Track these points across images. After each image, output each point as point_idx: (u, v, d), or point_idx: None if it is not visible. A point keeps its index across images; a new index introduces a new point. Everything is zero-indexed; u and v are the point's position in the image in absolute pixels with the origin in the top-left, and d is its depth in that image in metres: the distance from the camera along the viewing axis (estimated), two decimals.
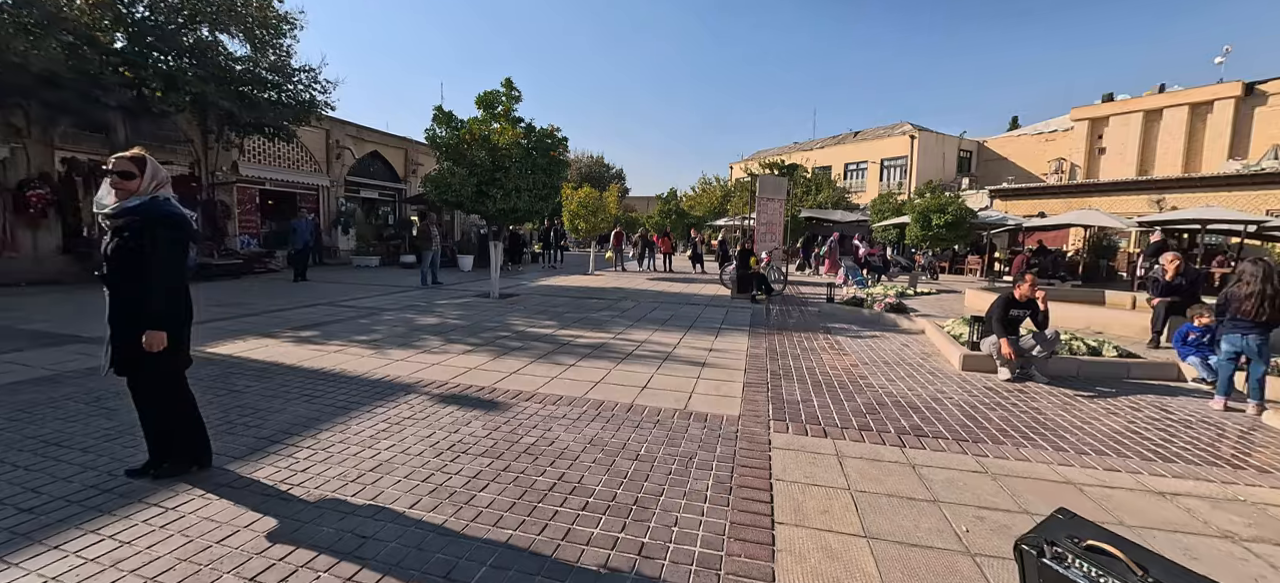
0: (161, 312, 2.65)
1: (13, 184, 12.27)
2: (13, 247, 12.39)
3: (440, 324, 7.68)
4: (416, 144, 25.01)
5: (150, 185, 2.69)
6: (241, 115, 13.56)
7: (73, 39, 10.75)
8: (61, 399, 4.08)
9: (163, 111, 12.83)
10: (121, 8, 11.90)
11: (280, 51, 14.66)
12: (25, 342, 5.99)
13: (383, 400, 4.28)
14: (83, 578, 2.10)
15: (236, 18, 13.42)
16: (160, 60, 12.24)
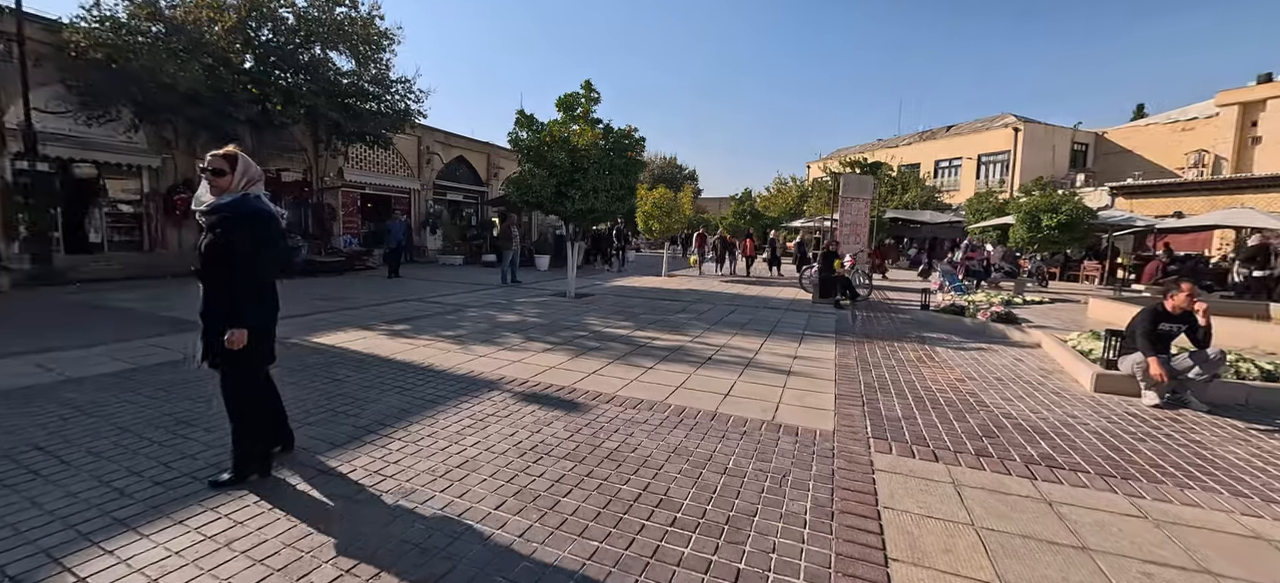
0: (245, 309, 2.65)
1: (163, 190, 14.09)
2: (162, 243, 14.23)
3: (520, 322, 7.84)
4: (498, 148, 26.14)
5: (241, 183, 2.70)
6: (347, 125, 14.72)
7: (211, 61, 12.13)
8: (193, 381, 4.50)
9: (282, 124, 14.20)
10: (250, 32, 13.28)
11: (380, 65, 15.79)
12: (166, 327, 6.76)
13: (468, 396, 4.35)
14: (202, 555, 2.22)
15: (344, 35, 14.60)
16: (280, 78, 13.54)
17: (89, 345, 5.68)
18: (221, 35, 12.44)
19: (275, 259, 2.85)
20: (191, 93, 11.56)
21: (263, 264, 2.73)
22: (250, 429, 2.82)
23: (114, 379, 4.52)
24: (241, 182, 2.71)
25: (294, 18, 13.85)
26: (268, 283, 2.82)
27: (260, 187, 2.82)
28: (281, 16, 13.77)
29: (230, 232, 2.63)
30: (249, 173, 2.75)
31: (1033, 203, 16.57)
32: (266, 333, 2.85)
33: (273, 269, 2.84)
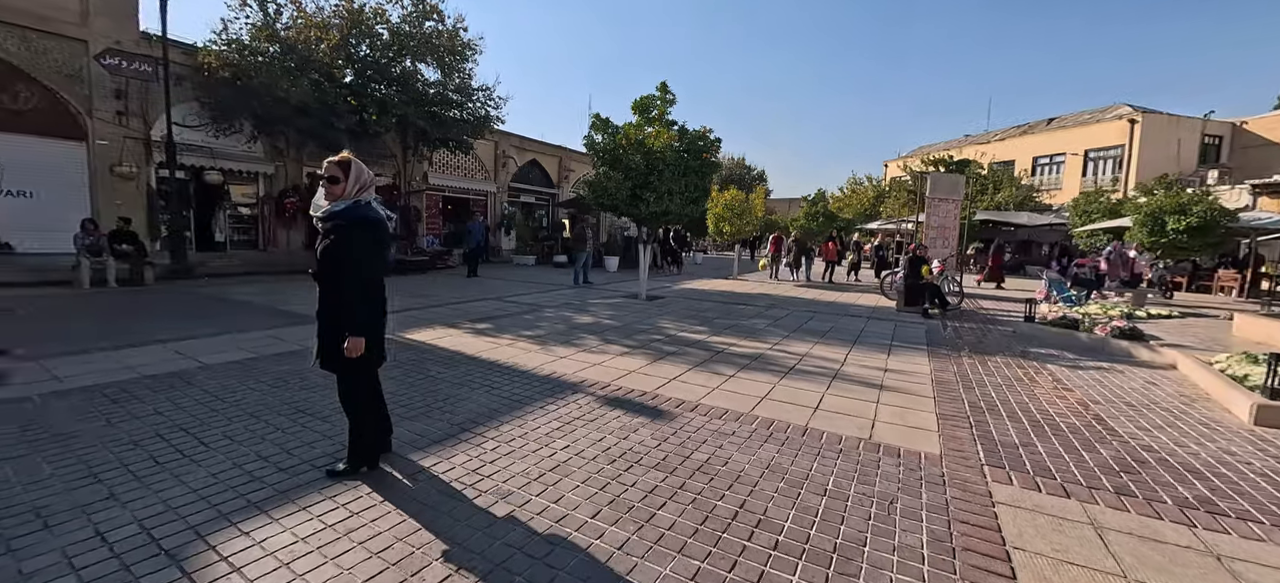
0: (357, 313, 2.71)
1: (275, 194, 15.55)
2: (274, 242, 15.69)
3: (595, 324, 7.92)
4: (569, 151, 26.77)
5: (353, 189, 2.76)
6: (433, 132, 15.59)
7: (318, 77, 13.23)
8: (307, 371, 4.86)
9: (376, 132, 15.25)
10: (351, 49, 14.35)
11: (463, 74, 16.59)
12: (281, 320, 7.39)
13: (553, 398, 4.41)
14: (325, 543, 2.35)
15: (432, 48, 15.46)
16: (376, 89, 14.54)
17: (217, 334, 6.32)
18: (327, 52, 13.53)
19: (382, 263, 2.93)
20: (301, 105, 12.67)
21: (370, 268, 2.81)
22: (363, 426, 2.96)
23: (240, 367, 4.98)
24: (354, 188, 2.78)
25: (388, 33, 14.83)
26: (377, 286, 2.88)
27: (372, 192, 2.91)
28: (378, 33, 14.78)
29: (343, 236, 2.72)
30: (361, 179, 2.82)
31: (1156, 203, 14.72)
32: (377, 335, 2.95)
33: (378, 272, 2.90)
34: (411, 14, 15.26)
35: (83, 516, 2.48)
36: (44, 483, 2.77)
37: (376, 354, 2.97)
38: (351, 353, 2.72)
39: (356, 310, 2.73)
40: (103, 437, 3.34)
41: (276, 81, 12.24)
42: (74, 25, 11.45)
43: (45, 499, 2.61)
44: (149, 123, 12.55)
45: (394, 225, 3.09)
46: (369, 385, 3.01)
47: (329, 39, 13.49)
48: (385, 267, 3.01)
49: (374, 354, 2.93)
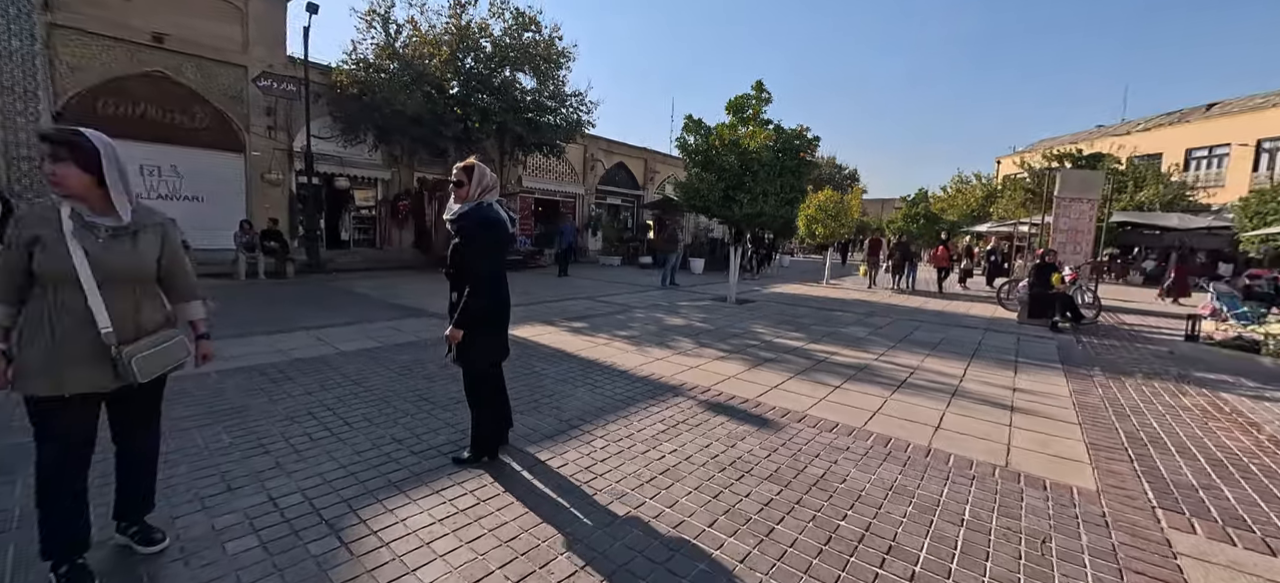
0: (473, 310, 2.81)
1: (391, 197, 17.04)
2: (388, 241, 17.19)
3: (687, 326, 7.87)
4: (655, 153, 26.98)
5: (476, 191, 2.87)
6: (529, 137, 16.33)
7: (429, 89, 14.33)
8: (426, 361, 5.24)
9: (478, 139, 16.23)
10: (458, 62, 15.37)
11: (557, 81, 17.24)
12: (398, 313, 8.06)
13: (654, 400, 4.41)
14: (458, 526, 2.49)
15: (530, 57, 16.21)
16: (479, 99, 15.49)
17: (348, 324, 7.00)
18: (438, 67, 14.62)
19: (503, 259, 3.05)
20: (415, 116, 13.79)
21: (491, 264, 2.91)
22: (486, 417, 3.12)
23: (369, 355, 5.47)
24: (477, 190, 2.90)
25: (491, 46, 15.76)
26: (498, 281, 2.98)
27: (494, 194, 3.00)
28: (481, 46, 15.75)
29: (468, 236, 2.85)
30: (484, 182, 2.93)
31: None
32: (499, 330, 3.09)
33: (499, 268, 3.01)
34: (512, 26, 16.10)
35: (257, 482, 2.82)
36: (225, 451, 3.18)
37: (499, 348, 3.11)
38: (452, 341, 2.85)
39: (469, 302, 2.82)
40: (267, 412, 3.79)
41: (395, 95, 13.42)
42: (237, 53, 13.26)
43: (228, 465, 2.99)
44: (292, 136, 14.24)
45: (514, 225, 3.24)
46: (493, 380, 3.15)
47: (440, 54, 14.55)
48: (505, 263, 3.12)
49: (497, 348, 3.08)
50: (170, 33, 12.11)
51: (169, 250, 2.09)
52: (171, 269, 2.12)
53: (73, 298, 1.87)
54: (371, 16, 14.56)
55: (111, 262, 1.91)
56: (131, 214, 1.98)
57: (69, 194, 1.88)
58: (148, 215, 2.06)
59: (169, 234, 2.11)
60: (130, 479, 2.20)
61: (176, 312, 2.19)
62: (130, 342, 1.96)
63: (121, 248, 1.95)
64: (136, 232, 2.00)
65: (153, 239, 2.04)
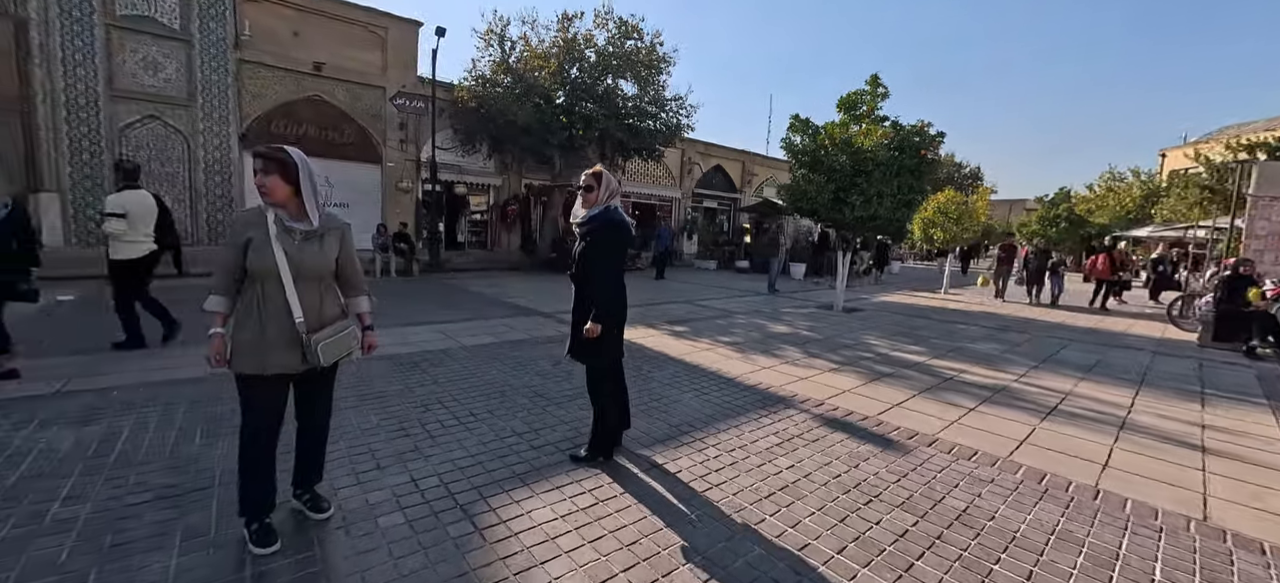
0: (606, 307, 2.91)
1: (500, 202, 18.22)
2: (498, 243, 18.39)
3: (793, 334, 7.54)
4: (753, 156, 26.38)
5: (604, 196, 2.99)
6: (629, 142, 16.67)
7: (538, 100, 15.14)
8: (537, 358, 5.49)
9: (581, 145, 16.88)
10: (564, 73, 16.08)
11: (658, 86, 17.44)
12: (510, 311, 8.55)
13: (764, 410, 4.25)
14: (580, 524, 2.54)
15: (631, 64, 16.57)
16: (584, 107, 16.09)
17: (467, 319, 7.55)
18: (546, 78, 15.41)
19: (624, 261, 3.12)
20: (525, 126, 14.64)
21: (616, 264, 3.00)
22: (607, 414, 3.17)
23: (486, 350, 5.84)
24: (605, 195, 3.01)
25: (595, 55, 16.31)
26: (619, 282, 3.04)
27: (619, 200, 3.09)
28: (586, 56, 16.36)
29: (596, 238, 2.95)
30: (610, 187, 3.03)
31: None
32: (619, 329, 3.12)
33: (620, 270, 3.06)
34: (615, 36, 16.54)
35: (401, 463, 3.09)
36: (373, 431, 3.53)
37: (617, 348, 3.15)
38: (590, 335, 2.90)
39: (600, 298, 2.91)
40: (405, 398, 4.16)
41: (508, 107, 14.34)
42: (377, 76, 14.92)
43: (376, 444, 3.32)
44: (419, 147, 15.73)
45: (636, 230, 3.27)
46: (613, 377, 3.19)
47: (549, 67, 15.32)
48: (625, 265, 3.13)
49: (616, 346, 3.12)
50: (327, 61, 13.91)
51: (345, 251, 2.37)
52: (346, 268, 2.40)
53: (274, 291, 2.17)
54: (489, 36, 15.68)
55: (304, 261, 2.20)
56: (319, 220, 2.25)
57: (274, 202, 2.17)
58: (330, 221, 2.34)
59: (346, 237, 2.39)
60: (307, 452, 2.50)
61: (348, 305, 2.47)
62: (316, 330, 2.23)
63: (311, 249, 2.23)
64: (323, 235, 2.27)
65: (334, 241, 2.31)
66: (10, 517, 2.41)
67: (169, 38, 11.90)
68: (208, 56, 12.33)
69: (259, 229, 2.16)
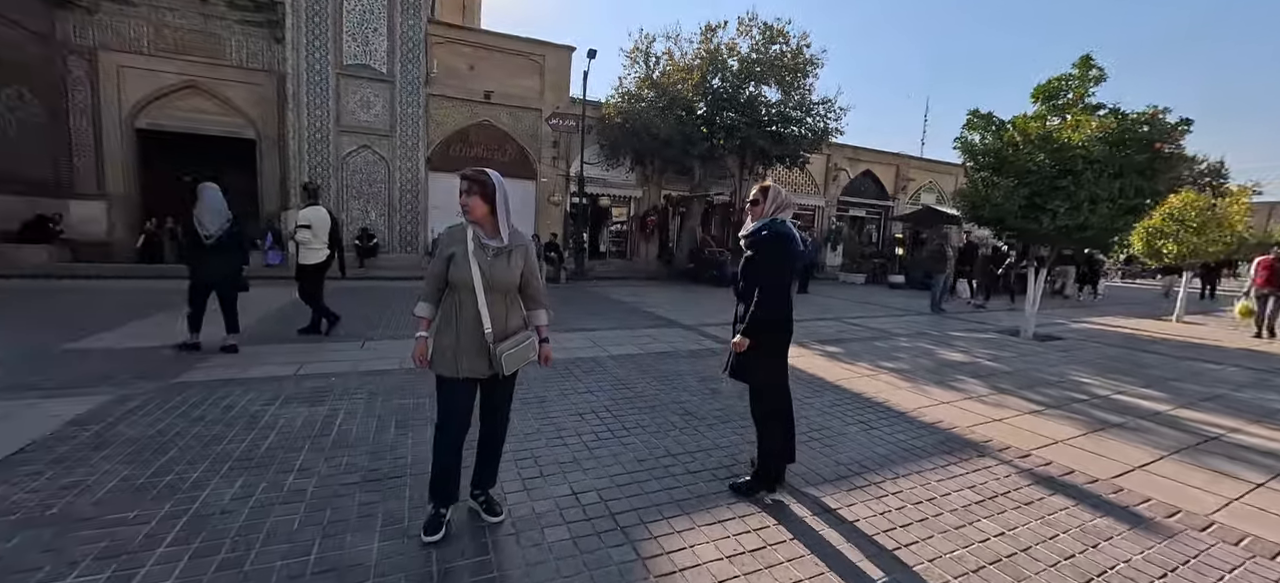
0: (761, 320, 2.79)
1: (640, 213, 18.73)
2: (636, 253, 18.91)
3: (972, 364, 6.49)
4: (909, 158, 23.92)
5: (771, 209, 2.89)
6: (772, 150, 16.07)
7: (681, 112, 15.28)
8: (685, 374, 5.37)
9: (721, 155, 16.69)
10: (707, 84, 16.02)
11: (804, 90, 16.61)
12: (653, 321, 8.61)
13: (952, 456, 3.62)
14: (748, 570, 2.31)
15: (775, 70, 15.98)
16: (724, 116, 15.88)
17: (613, 329, 7.74)
18: (688, 90, 15.51)
19: (788, 274, 2.91)
20: (666, 138, 14.86)
21: (779, 275, 2.85)
22: (775, 434, 2.94)
23: (634, 361, 5.88)
24: (771, 207, 2.90)
25: (738, 64, 16.03)
26: (783, 296, 2.86)
27: (788, 212, 2.92)
28: (728, 65, 16.15)
29: (760, 251, 2.83)
30: (778, 200, 2.91)
31: None
32: (784, 345, 2.94)
33: (785, 283, 2.90)
34: (758, 42, 16.10)
35: (561, 473, 3.14)
36: (534, 436, 3.66)
37: (779, 369, 2.95)
38: (737, 349, 2.83)
39: (757, 312, 2.78)
40: (560, 406, 4.30)
41: (651, 121, 14.68)
42: (535, 100, 16.29)
43: (538, 450, 3.43)
44: (568, 163, 16.82)
45: (806, 245, 3.03)
46: (782, 398, 2.98)
47: (691, 79, 15.40)
48: (791, 279, 2.96)
49: (780, 365, 2.95)
50: (495, 90, 15.54)
51: (529, 266, 2.48)
52: (529, 282, 2.51)
53: (469, 302, 2.34)
54: (635, 54, 16.24)
55: (494, 274, 2.35)
56: (507, 238, 2.39)
57: (473, 219, 2.36)
58: (517, 237, 2.46)
59: (529, 252, 2.49)
60: (485, 455, 2.63)
61: (529, 317, 2.57)
62: (501, 340, 2.37)
63: (501, 264, 2.37)
64: (511, 251, 2.40)
65: (519, 257, 2.43)
66: (262, 481, 2.87)
67: (379, 80, 14.23)
68: (405, 93, 14.49)
69: (460, 245, 2.35)
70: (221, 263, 5.25)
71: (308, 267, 6.23)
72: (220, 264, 5.25)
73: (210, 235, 5.12)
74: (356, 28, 13.82)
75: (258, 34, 14.39)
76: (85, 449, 3.16)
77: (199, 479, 2.86)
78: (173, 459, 3.08)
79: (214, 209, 5.17)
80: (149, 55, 13.65)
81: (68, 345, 5.46)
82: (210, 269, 5.24)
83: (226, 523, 2.48)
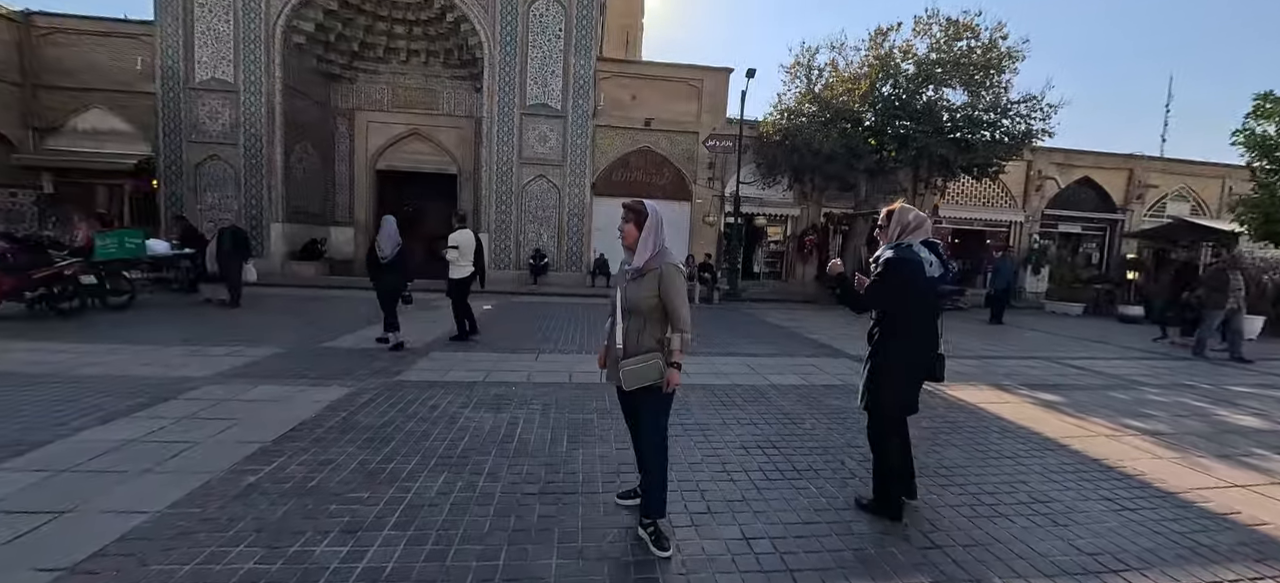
0: (886, 350, 2.87)
1: (797, 232, 17.84)
2: (792, 274, 18.03)
3: (1276, 433, 4.80)
4: (1148, 160, 19.29)
5: (895, 233, 2.87)
6: (957, 159, 14.15)
7: (846, 124, 14.26)
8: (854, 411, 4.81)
9: (892, 168, 15.18)
10: (876, 94, 14.72)
11: (997, 88, 14.39)
12: (814, 349, 8.01)
13: (1267, 566, 2.64)
14: None
15: (960, 69, 14.10)
16: (896, 125, 14.43)
17: (772, 355, 7.36)
18: (854, 101, 14.42)
19: (910, 302, 2.81)
20: (829, 154, 13.95)
21: (896, 305, 2.83)
22: (883, 471, 2.96)
23: (798, 393, 5.47)
24: (896, 231, 2.87)
25: (914, 67, 14.49)
26: (904, 325, 2.83)
27: (916, 234, 2.83)
28: (902, 70, 14.68)
29: (882, 275, 2.81)
30: (903, 222, 2.87)
31: None
32: (911, 377, 2.90)
33: (907, 311, 2.84)
34: (940, 40, 14.39)
35: (730, 512, 2.96)
36: (698, 466, 3.54)
37: (903, 400, 2.91)
38: (832, 270, 3.07)
39: (878, 342, 2.91)
40: (722, 437, 4.12)
41: (813, 136, 13.93)
42: (692, 123, 16.60)
43: (703, 483, 3.29)
44: (723, 183, 16.76)
45: (944, 270, 2.85)
46: (898, 431, 2.97)
47: (858, 89, 14.31)
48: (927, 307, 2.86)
49: (900, 398, 2.89)
50: (654, 117, 16.20)
51: (662, 288, 2.51)
52: (665, 304, 2.54)
53: (614, 319, 2.64)
54: (795, 68, 15.63)
55: (629, 295, 2.57)
56: (646, 262, 2.52)
57: (626, 246, 2.61)
58: (658, 261, 2.52)
59: (665, 275, 2.50)
60: (640, 468, 2.70)
61: (665, 339, 2.58)
62: (628, 357, 2.54)
63: (635, 286, 2.55)
64: (646, 274, 2.53)
65: (652, 280, 2.51)
66: (459, 480, 3.19)
67: (554, 116, 15.77)
68: (575, 126, 15.83)
69: (620, 269, 2.70)
70: (392, 278, 6.54)
71: (455, 281, 7.24)
72: (391, 279, 6.54)
73: (385, 257, 6.40)
74: (537, 72, 15.54)
75: (463, 87, 17.00)
76: (335, 432, 3.85)
77: (412, 471, 3.29)
78: (394, 448, 3.60)
79: (389, 237, 6.38)
80: (387, 111, 16.97)
81: (325, 343, 6.86)
82: (383, 281, 6.57)
83: (432, 516, 2.78)
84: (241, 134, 14.66)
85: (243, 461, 3.33)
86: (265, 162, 14.74)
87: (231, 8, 14.35)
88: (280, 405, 4.38)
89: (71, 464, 3.19)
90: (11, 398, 4.32)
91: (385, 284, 6.59)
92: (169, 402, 4.37)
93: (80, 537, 2.47)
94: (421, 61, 16.75)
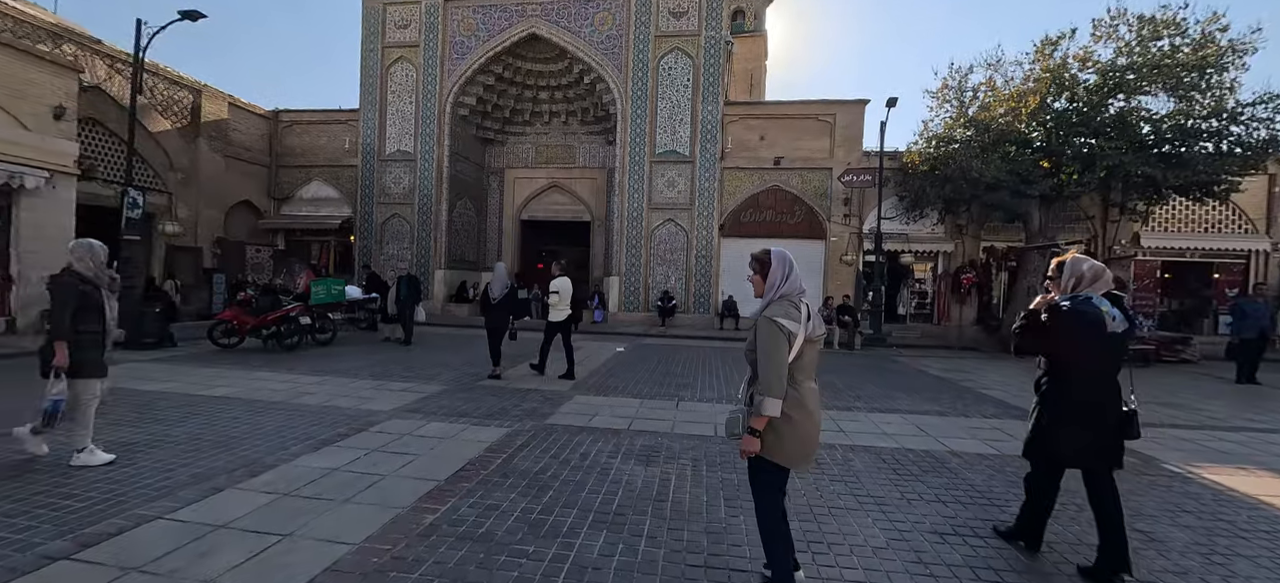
0: (1056, 414, 2.77)
1: (952, 270, 15.93)
2: (946, 317, 16.04)
3: None
4: None
5: (1069, 284, 2.77)
6: (1164, 178, 11.68)
7: (1010, 147, 12.58)
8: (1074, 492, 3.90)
9: (1074, 194, 13.00)
10: (1047, 110, 12.81)
11: (1220, 90, 11.78)
12: (995, 409, 6.83)
13: None
14: None
15: (1163, 74, 11.79)
16: (1080, 143, 12.38)
17: (941, 413, 6.42)
18: (1021, 120, 12.71)
19: (1084, 358, 2.68)
20: (991, 182, 12.32)
21: (1068, 359, 2.74)
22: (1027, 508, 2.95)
23: (989, 464, 4.60)
24: (1070, 283, 2.76)
25: (1096, 76, 12.43)
26: (1083, 383, 2.70)
27: (1098, 287, 2.69)
28: (1080, 81, 12.66)
29: (1055, 329, 2.68)
30: (1078, 272, 2.75)
31: None
32: (1085, 430, 2.70)
33: (1081, 367, 2.72)
34: (1129, 43, 12.21)
35: None
36: (883, 553, 3.03)
37: (1092, 457, 2.72)
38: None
39: (1054, 406, 2.79)
40: (904, 513, 3.54)
41: (969, 163, 12.46)
42: (825, 159, 15.87)
43: (896, 573, 2.79)
44: (862, 219, 15.64)
45: (1130, 325, 2.67)
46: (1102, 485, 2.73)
47: (1025, 105, 12.60)
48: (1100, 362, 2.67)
49: (1080, 449, 2.73)
50: (784, 155, 15.78)
51: (756, 341, 2.35)
52: (758, 358, 2.33)
53: None
54: (944, 92, 14.27)
55: (749, 344, 2.43)
56: (758, 310, 2.45)
57: (756, 295, 2.51)
58: (766, 308, 2.38)
59: (758, 328, 2.34)
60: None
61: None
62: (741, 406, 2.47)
63: (751, 335, 2.42)
64: (756, 325, 2.39)
65: (753, 332, 2.40)
66: (619, 540, 3.05)
67: (683, 162, 16.09)
68: (703, 171, 15.97)
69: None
70: (500, 317, 7.46)
71: (553, 323, 7.73)
72: (500, 318, 7.46)
73: (495, 298, 7.38)
74: (666, 121, 16.05)
75: (597, 141, 18.18)
76: (497, 476, 3.98)
77: (572, 526, 3.23)
78: (552, 498, 3.60)
79: (500, 280, 7.44)
80: (531, 167, 18.71)
81: (481, 382, 7.38)
82: (493, 319, 7.45)
83: (599, 580, 2.66)
84: (416, 195, 17.05)
85: (422, 498, 3.54)
86: (433, 217, 16.95)
87: (414, 91, 16.99)
88: (449, 444, 4.69)
89: (292, 488, 3.63)
90: (256, 420, 5.20)
91: (493, 321, 7.43)
92: (361, 433, 4.90)
93: (297, 564, 2.72)
94: (562, 121, 18.32)
